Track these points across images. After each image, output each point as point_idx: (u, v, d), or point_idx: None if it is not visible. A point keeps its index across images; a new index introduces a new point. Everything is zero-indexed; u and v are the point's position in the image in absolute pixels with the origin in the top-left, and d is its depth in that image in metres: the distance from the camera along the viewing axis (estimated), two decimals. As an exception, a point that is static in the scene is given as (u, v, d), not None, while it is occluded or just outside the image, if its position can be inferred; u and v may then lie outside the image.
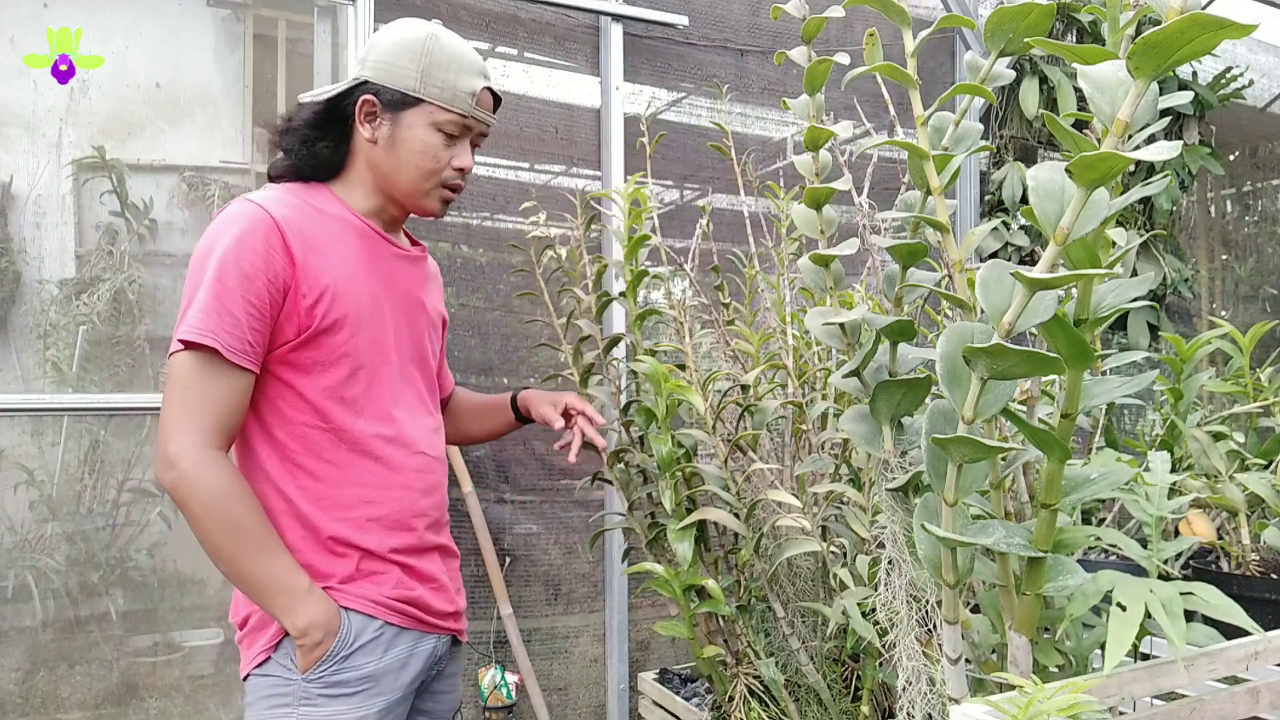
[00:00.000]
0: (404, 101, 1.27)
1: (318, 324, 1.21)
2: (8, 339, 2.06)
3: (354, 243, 1.29)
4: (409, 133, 1.28)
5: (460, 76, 1.29)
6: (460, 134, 1.31)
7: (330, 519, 1.23)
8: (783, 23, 2.86)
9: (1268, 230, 4.54)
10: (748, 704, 1.59)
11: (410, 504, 1.30)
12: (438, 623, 1.33)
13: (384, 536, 1.27)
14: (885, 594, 1.17)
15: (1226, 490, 1.56)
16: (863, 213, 1.76)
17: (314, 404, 1.23)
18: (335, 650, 1.19)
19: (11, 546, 2.04)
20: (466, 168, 1.32)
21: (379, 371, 1.29)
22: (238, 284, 1.15)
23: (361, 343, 1.26)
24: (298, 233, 1.21)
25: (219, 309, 1.14)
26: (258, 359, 1.19)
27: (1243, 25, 0.75)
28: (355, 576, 1.24)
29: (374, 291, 1.29)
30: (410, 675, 1.28)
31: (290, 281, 1.19)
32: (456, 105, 1.29)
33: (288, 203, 1.24)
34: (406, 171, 1.29)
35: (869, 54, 1.23)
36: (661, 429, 1.54)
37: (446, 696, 1.42)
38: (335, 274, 1.23)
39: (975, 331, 0.99)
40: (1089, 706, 0.82)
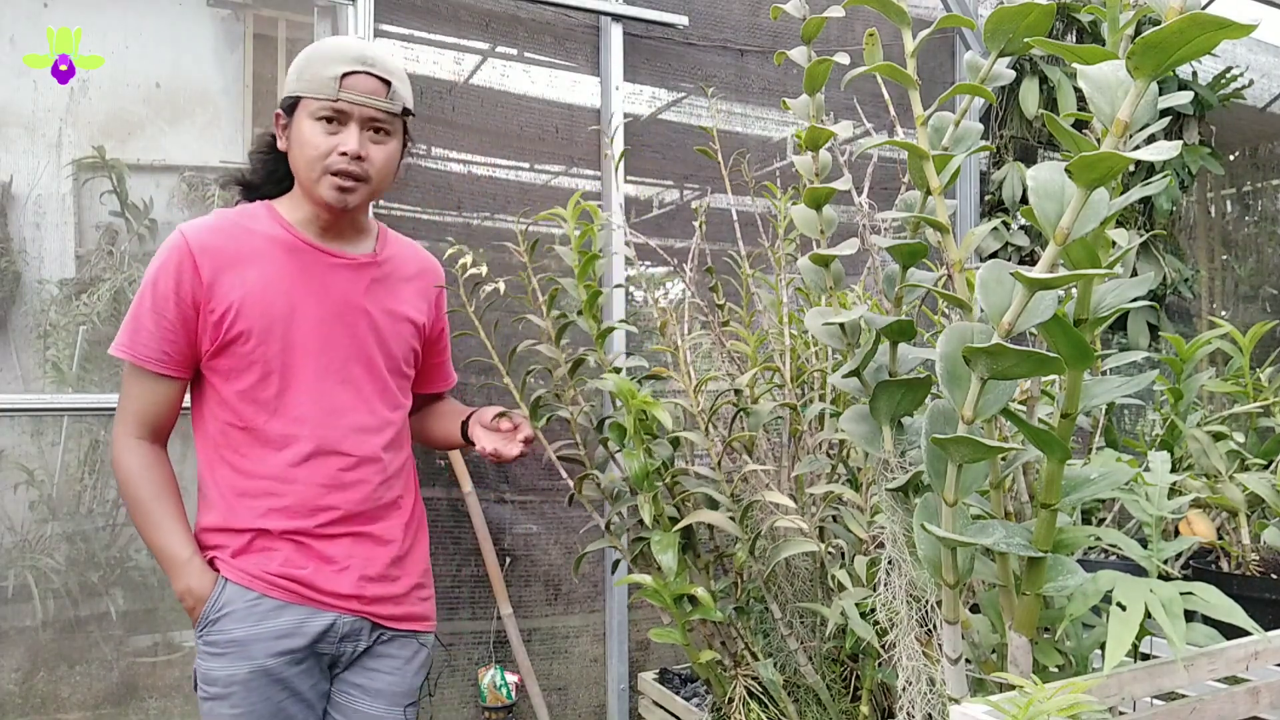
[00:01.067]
0: (291, 104, 1.41)
1: (224, 335, 1.37)
2: (8, 339, 2.06)
3: (279, 258, 1.42)
4: (296, 129, 1.40)
5: (326, 66, 1.38)
6: (338, 118, 1.38)
7: (240, 507, 1.40)
8: (783, 23, 2.86)
9: (1268, 230, 4.54)
10: (747, 705, 1.59)
11: (312, 500, 1.41)
12: (330, 601, 1.42)
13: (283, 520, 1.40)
14: (885, 594, 1.17)
15: (1226, 490, 1.56)
16: (863, 213, 1.76)
17: (231, 405, 1.40)
18: (205, 614, 1.37)
19: (11, 546, 2.04)
20: (351, 151, 1.38)
21: (296, 375, 1.41)
22: (153, 304, 1.37)
23: (271, 350, 1.39)
24: (211, 253, 1.38)
25: (137, 327, 1.38)
26: (179, 366, 1.40)
27: (1243, 25, 0.75)
28: (245, 550, 1.40)
29: (295, 302, 1.41)
30: (294, 645, 1.39)
31: (200, 299, 1.37)
32: (322, 92, 1.37)
33: (213, 226, 1.41)
34: (300, 165, 1.41)
35: (869, 54, 1.23)
36: (634, 444, 1.53)
37: (383, 676, 1.49)
38: (247, 289, 1.38)
39: (975, 331, 0.99)
40: (1089, 706, 0.82)
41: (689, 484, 1.67)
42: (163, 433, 1.44)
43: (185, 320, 1.37)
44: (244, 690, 1.36)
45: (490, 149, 2.50)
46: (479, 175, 2.50)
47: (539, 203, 2.59)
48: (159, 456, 1.43)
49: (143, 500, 1.39)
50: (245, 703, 1.36)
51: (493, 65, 2.53)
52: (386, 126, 1.43)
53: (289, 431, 1.41)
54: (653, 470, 1.54)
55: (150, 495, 1.39)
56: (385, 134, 1.43)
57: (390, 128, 1.43)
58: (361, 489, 1.45)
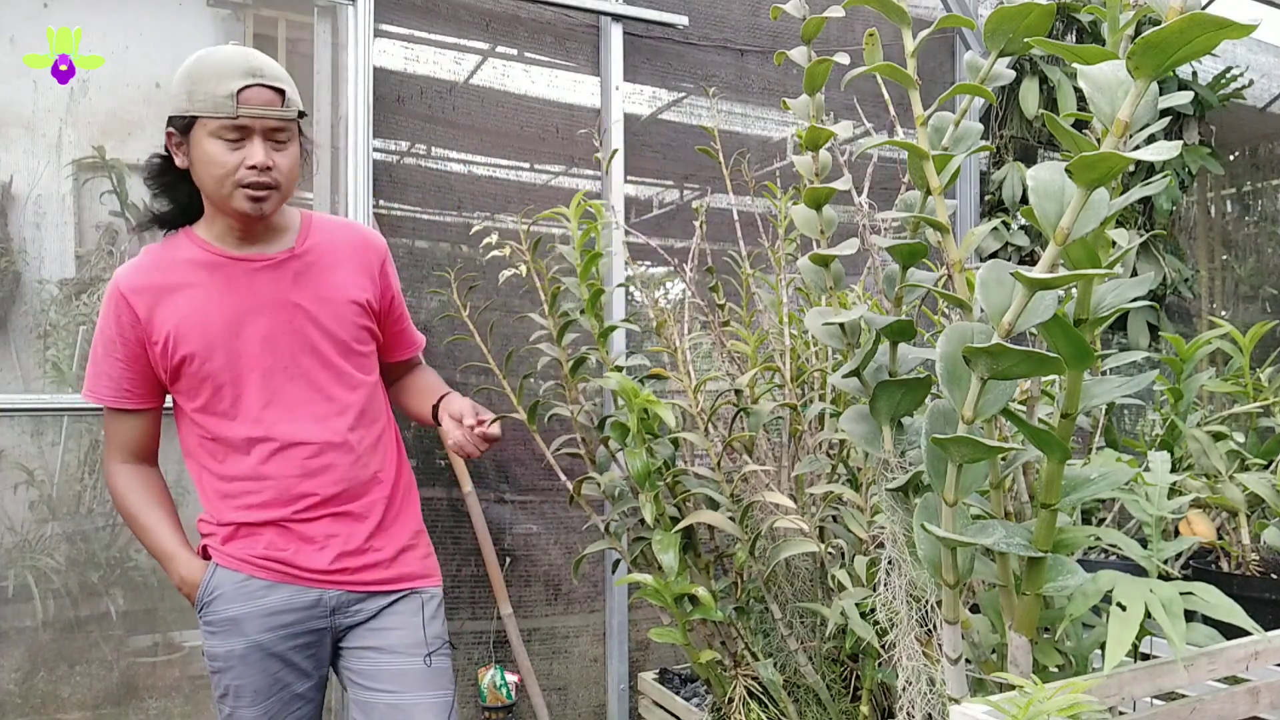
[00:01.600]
0: (185, 124, 1.41)
1: (172, 362, 1.47)
2: (8, 339, 2.06)
3: (202, 278, 1.48)
4: (197, 150, 1.42)
5: (219, 83, 1.39)
6: (241, 135, 1.40)
7: (224, 506, 1.51)
8: (783, 23, 2.86)
9: (1268, 230, 4.54)
10: (747, 705, 1.59)
11: (286, 490, 1.50)
12: (313, 578, 1.52)
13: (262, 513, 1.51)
14: (885, 594, 1.17)
15: (1226, 490, 1.56)
16: (863, 213, 1.76)
17: (198, 421, 1.51)
18: (200, 598, 1.50)
19: (11, 546, 2.04)
20: (259, 164, 1.40)
21: (246, 381, 1.49)
22: (105, 350, 1.49)
23: (216, 364, 1.47)
24: (141, 293, 1.46)
25: (96, 372, 1.50)
26: (143, 398, 1.52)
27: (1243, 25, 0.75)
28: (232, 537, 1.51)
29: (228, 314, 1.48)
30: (286, 620, 1.50)
31: (143, 336, 1.47)
32: (220, 110, 1.38)
33: (139, 267, 1.49)
34: (208, 183, 1.43)
35: (869, 54, 1.23)
36: (636, 443, 1.53)
37: (393, 633, 1.57)
38: (180, 315, 1.46)
39: (975, 331, 0.99)
40: (1089, 706, 0.82)
41: (690, 484, 1.67)
42: (146, 454, 1.57)
43: (136, 357, 1.48)
44: (241, 664, 1.49)
45: (490, 149, 2.50)
46: (479, 175, 2.50)
47: (539, 203, 2.58)
48: (145, 474, 1.57)
49: (133, 514, 1.54)
50: (244, 675, 1.49)
51: (493, 65, 2.53)
52: (286, 133, 1.45)
53: (251, 434, 1.49)
54: (654, 470, 1.54)
55: (138, 508, 1.53)
56: (286, 140, 1.45)
57: (289, 133, 1.45)
58: (332, 473, 1.52)
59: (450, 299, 2.04)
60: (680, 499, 1.62)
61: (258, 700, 1.49)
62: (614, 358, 1.79)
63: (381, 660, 1.55)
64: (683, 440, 1.68)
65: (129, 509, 1.54)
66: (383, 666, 1.55)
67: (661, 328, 1.76)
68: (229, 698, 1.50)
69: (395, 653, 1.55)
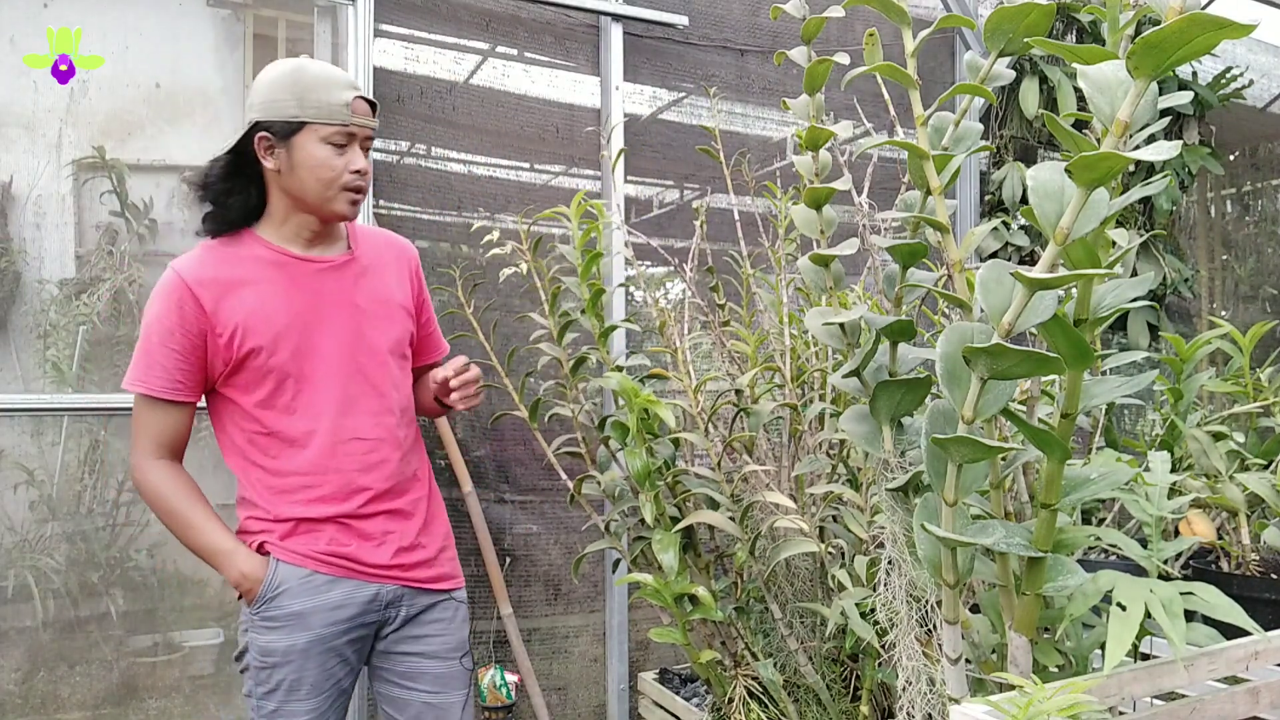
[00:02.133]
0: (291, 128, 1.48)
1: (237, 354, 1.49)
2: (8, 339, 2.06)
3: (270, 275, 1.53)
4: (302, 153, 1.48)
5: (332, 92, 1.48)
6: (347, 142, 1.50)
7: (281, 502, 1.52)
8: (783, 23, 2.86)
9: (1268, 230, 4.54)
10: (747, 705, 1.59)
11: (347, 484, 1.54)
12: (373, 572, 1.56)
13: (324, 508, 1.53)
14: (885, 594, 1.17)
15: (1226, 490, 1.56)
16: (863, 213, 1.76)
17: (253, 415, 1.52)
18: (263, 593, 1.49)
19: (11, 546, 2.04)
20: (362, 169, 1.52)
21: (308, 376, 1.53)
22: (160, 340, 1.48)
23: (282, 358, 1.51)
24: (207, 286, 1.48)
25: (149, 362, 1.49)
26: (191, 391, 1.51)
27: (1243, 25, 0.75)
28: (292, 534, 1.52)
29: (295, 311, 1.52)
30: (347, 614, 1.53)
31: (205, 327, 1.48)
32: (335, 118, 1.48)
33: (203, 261, 1.51)
34: (310, 186, 1.50)
35: (869, 54, 1.23)
36: (636, 443, 1.54)
37: (434, 639, 1.62)
38: (247, 309, 1.49)
39: (975, 331, 0.99)
40: (1089, 706, 0.82)
41: (690, 484, 1.67)
42: (179, 450, 1.56)
43: (194, 349, 1.49)
44: (302, 658, 1.50)
45: (490, 149, 2.50)
46: (479, 175, 2.50)
47: (539, 203, 2.58)
48: (179, 470, 1.55)
49: (177, 510, 1.51)
50: (304, 669, 1.50)
51: (493, 65, 2.53)
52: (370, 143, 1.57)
53: (311, 428, 1.52)
54: (654, 470, 1.54)
55: (183, 505, 1.51)
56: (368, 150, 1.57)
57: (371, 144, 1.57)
58: (385, 467, 1.58)
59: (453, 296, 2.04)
60: (680, 499, 1.62)
61: (313, 695, 1.51)
62: (614, 357, 1.79)
63: (423, 664, 1.61)
64: (683, 440, 1.68)
65: (171, 506, 1.51)
66: (424, 669, 1.61)
67: (663, 328, 1.76)
68: (279, 693, 1.49)
69: (437, 657, 1.62)
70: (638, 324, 1.94)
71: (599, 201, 1.79)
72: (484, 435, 2.46)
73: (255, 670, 1.51)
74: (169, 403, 1.50)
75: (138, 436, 1.52)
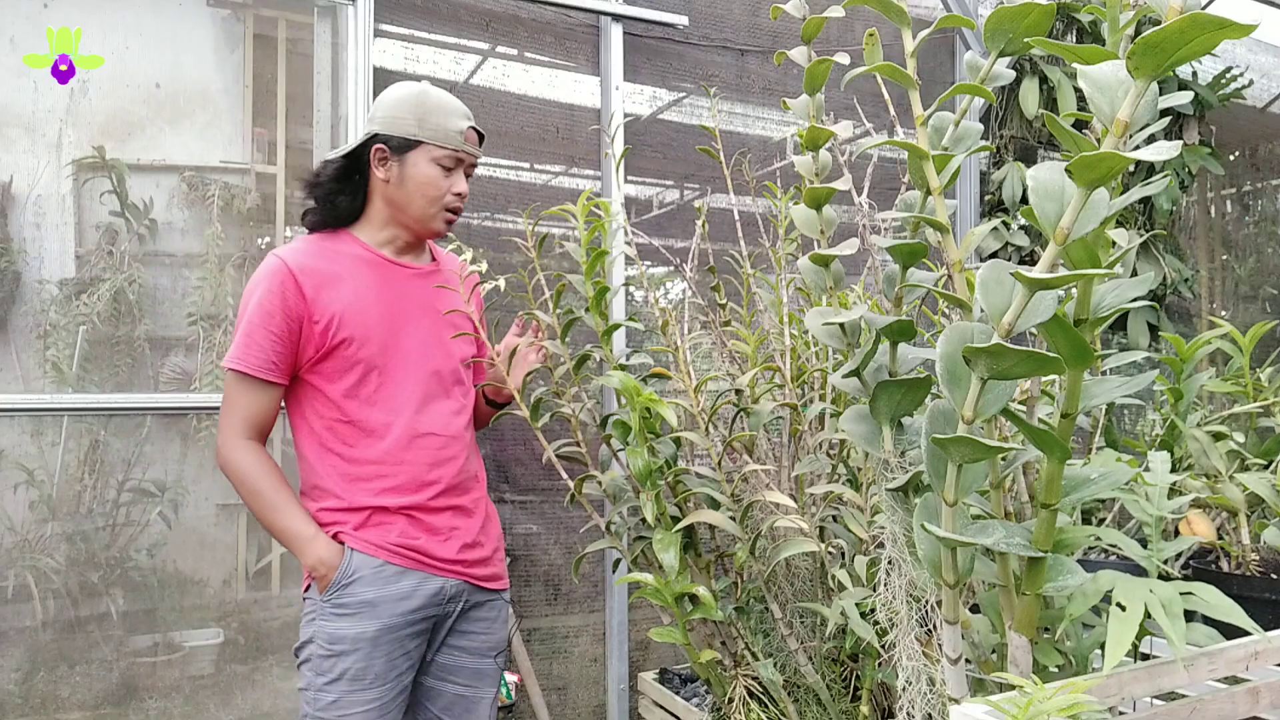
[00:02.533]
0: (407, 144, 1.60)
1: (330, 341, 1.57)
2: (8, 339, 2.06)
3: (365, 273, 1.63)
4: (414, 169, 1.61)
5: (449, 119, 1.62)
6: (455, 166, 1.64)
7: (355, 490, 1.59)
8: (783, 23, 2.86)
9: (1268, 230, 4.54)
10: (747, 705, 1.59)
11: (418, 477, 1.61)
12: (441, 566, 1.62)
13: (396, 498, 1.59)
14: (885, 594, 1.17)
15: (1226, 490, 1.56)
16: (863, 213, 1.76)
17: (336, 403, 1.59)
18: (337, 580, 1.55)
19: (11, 546, 2.04)
20: (464, 193, 1.65)
21: (391, 371, 1.61)
22: (261, 321, 1.55)
23: (371, 351, 1.59)
24: (309, 274, 1.57)
25: (249, 342, 1.55)
26: (284, 373, 1.58)
27: (1243, 25, 0.75)
28: (365, 525, 1.58)
29: (385, 309, 1.62)
30: (413, 605, 1.58)
31: (304, 313, 1.56)
32: (449, 143, 1.61)
33: (305, 251, 1.61)
34: (416, 201, 1.62)
35: (869, 54, 1.23)
36: (638, 442, 1.54)
37: (479, 636, 1.70)
38: (344, 301, 1.58)
39: (975, 331, 0.99)
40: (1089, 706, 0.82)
41: (691, 483, 1.67)
42: (265, 433, 1.62)
43: (291, 333, 1.56)
44: (371, 646, 1.54)
45: (490, 149, 2.50)
46: (479, 175, 2.50)
47: (539, 203, 2.59)
48: (265, 453, 1.61)
49: (264, 491, 1.56)
50: (371, 657, 1.54)
51: (493, 65, 2.53)
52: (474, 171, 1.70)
53: (388, 420, 1.60)
54: (656, 469, 1.54)
55: (270, 486, 1.56)
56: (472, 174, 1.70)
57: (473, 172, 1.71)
58: (455, 464, 1.66)
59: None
60: (681, 498, 1.62)
61: (377, 684, 1.54)
62: (616, 356, 1.79)
63: (463, 659, 1.69)
64: (683, 440, 1.68)
65: (259, 486, 1.56)
66: (462, 664, 1.69)
67: (664, 328, 1.76)
68: (342, 682, 1.52)
69: (478, 654, 1.70)
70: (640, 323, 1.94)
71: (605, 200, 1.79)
72: (484, 435, 2.46)
73: (318, 660, 1.54)
74: (262, 383, 1.56)
75: (227, 416, 1.58)
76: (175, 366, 2.21)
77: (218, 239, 2.25)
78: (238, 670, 2.23)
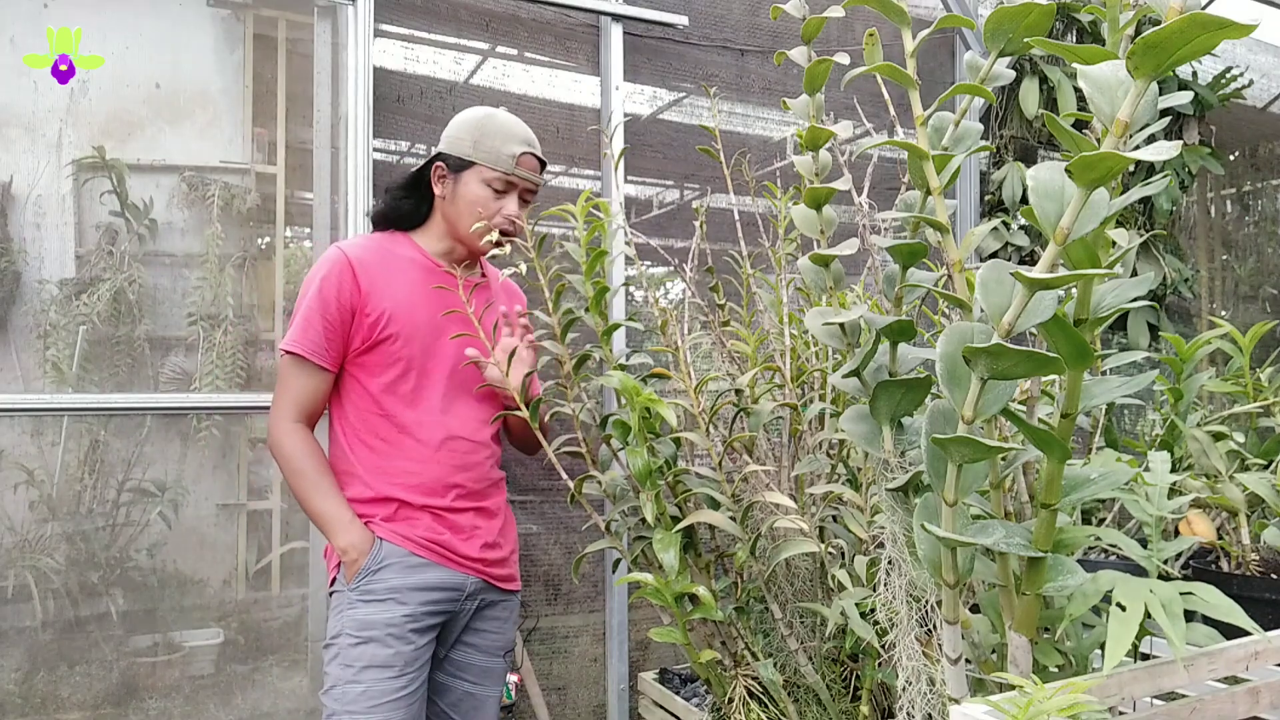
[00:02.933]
0: (461, 164, 1.68)
1: (377, 335, 1.63)
2: (8, 339, 2.06)
3: (418, 277, 1.70)
4: (465, 188, 1.68)
5: (505, 144, 1.67)
6: (506, 189, 1.69)
7: (382, 482, 1.65)
8: (783, 23, 2.86)
9: (1268, 230, 4.54)
10: (747, 705, 1.59)
11: (443, 477, 1.67)
12: (464, 562, 1.68)
13: (421, 496, 1.65)
14: (885, 594, 1.17)
15: (1226, 490, 1.56)
16: (863, 213, 1.76)
17: (374, 395, 1.65)
18: (368, 566, 1.60)
19: (11, 546, 2.04)
20: (513, 215, 1.70)
21: (429, 373, 1.68)
22: (319, 307, 1.61)
23: (413, 350, 1.66)
24: (367, 268, 1.64)
25: (307, 326, 1.61)
26: (334, 360, 1.64)
27: (1243, 25, 0.75)
28: (394, 518, 1.64)
29: (431, 313, 1.68)
30: (435, 597, 1.64)
31: (357, 304, 1.63)
32: (500, 166, 1.67)
33: (365, 246, 1.69)
34: (465, 218, 1.69)
35: (869, 54, 1.23)
36: (637, 442, 1.55)
37: (490, 634, 1.76)
38: (395, 299, 1.65)
39: (975, 331, 0.99)
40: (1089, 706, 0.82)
41: (690, 483, 1.67)
42: (314, 418, 1.67)
43: (343, 322, 1.62)
44: (398, 632, 1.58)
45: (490, 149, 2.50)
46: (479, 175, 2.50)
47: (539, 203, 2.58)
48: (312, 436, 1.66)
49: (307, 472, 1.61)
50: (396, 644, 1.58)
51: (493, 65, 2.53)
52: (534, 196, 1.74)
53: (422, 420, 1.66)
54: (655, 469, 1.54)
55: (314, 468, 1.61)
56: (530, 201, 1.74)
57: (535, 196, 1.75)
58: (479, 469, 1.73)
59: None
60: (681, 498, 1.62)
61: (407, 669, 1.58)
62: (616, 356, 1.79)
63: (474, 656, 1.74)
64: (683, 440, 1.68)
65: (303, 467, 1.61)
66: (474, 661, 1.74)
67: (664, 327, 1.76)
68: (372, 669, 1.55)
69: (488, 652, 1.76)
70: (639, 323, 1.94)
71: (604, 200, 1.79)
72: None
73: (347, 650, 1.57)
74: (315, 367, 1.62)
75: (280, 398, 1.63)
76: (175, 366, 2.21)
77: (218, 239, 2.25)
78: (238, 670, 2.23)
